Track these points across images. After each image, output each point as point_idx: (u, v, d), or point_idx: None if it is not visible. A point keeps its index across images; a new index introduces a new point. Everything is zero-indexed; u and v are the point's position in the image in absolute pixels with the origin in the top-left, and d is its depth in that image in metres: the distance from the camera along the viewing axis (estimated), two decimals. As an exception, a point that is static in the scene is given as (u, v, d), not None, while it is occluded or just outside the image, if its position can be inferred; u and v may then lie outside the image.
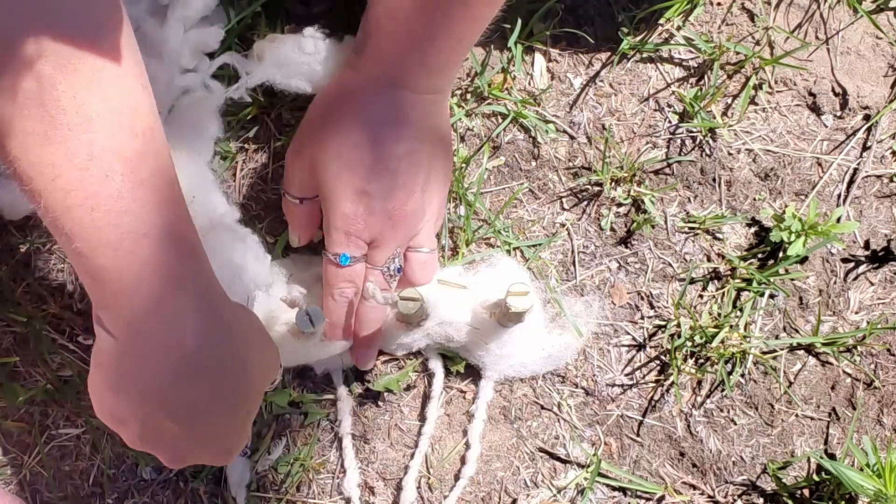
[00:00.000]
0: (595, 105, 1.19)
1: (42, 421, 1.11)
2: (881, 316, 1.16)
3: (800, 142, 1.19)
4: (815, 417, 1.14)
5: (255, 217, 1.15)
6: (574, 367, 1.13)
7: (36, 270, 1.15)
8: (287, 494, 1.10)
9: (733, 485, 1.12)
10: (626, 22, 1.19)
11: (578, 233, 1.16)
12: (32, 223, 1.15)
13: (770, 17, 1.21)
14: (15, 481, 1.10)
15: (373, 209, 0.98)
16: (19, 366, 1.12)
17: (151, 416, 0.75)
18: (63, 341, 1.13)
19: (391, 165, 0.98)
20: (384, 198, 0.98)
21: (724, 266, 1.15)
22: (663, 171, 1.17)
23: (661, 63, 1.20)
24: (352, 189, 0.98)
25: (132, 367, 0.73)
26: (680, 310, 1.13)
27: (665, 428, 1.13)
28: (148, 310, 0.70)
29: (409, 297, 1.01)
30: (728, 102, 1.19)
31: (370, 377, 1.12)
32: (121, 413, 0.77)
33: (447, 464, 1.11)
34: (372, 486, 1.11)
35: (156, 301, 0.70)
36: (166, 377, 0.72)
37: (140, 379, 0.73)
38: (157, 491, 1.10)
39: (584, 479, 1.10)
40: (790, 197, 1.18)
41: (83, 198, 0.66)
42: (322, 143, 1.00)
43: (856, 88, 1.20)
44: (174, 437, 0.77)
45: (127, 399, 0.74)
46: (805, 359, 1.15)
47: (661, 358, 1.14)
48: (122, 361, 0.73)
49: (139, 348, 0.72)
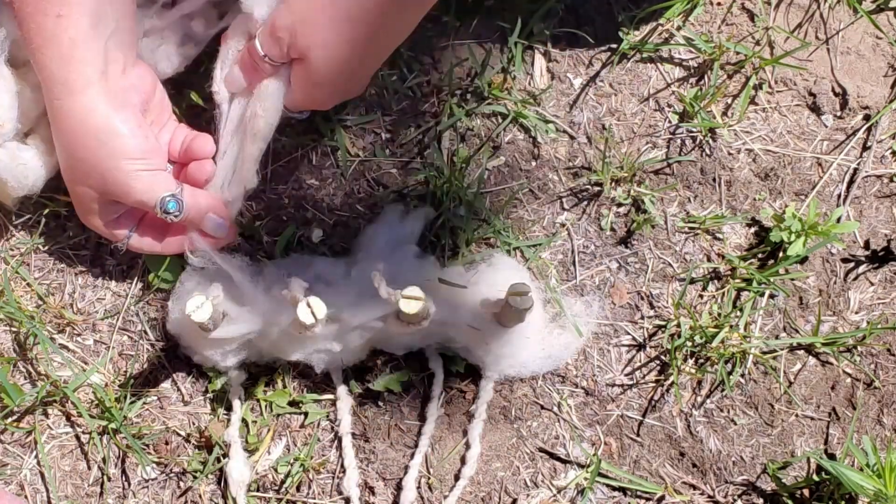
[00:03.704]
0: (595, 105, 1.19)
1: (42, 421, 1.11)
2: (881, 316, 1.16)
3: (800, 142, 1.19)
4: (815, 417, 1.14)
5: (255, 217, 1.15)
6: (574, 367, 1.13)
7: (36, 270, 1.15)
8: (287, 494, 1.10)
9: (733, 485, 1.12)
10: (626, 22, 1.19)
11: (578, 233, 1.16)
12: (32, 223, 1.15)
13: (770, 17, 1.21)
14: (15, 481, 1.10)
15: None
16: (19, 366, 1.12)
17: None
18: (63, 341, 1.13)
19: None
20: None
21: (724, 266, 1.15)
22: (663, 171, 1.17)
23: (661, 63, 1.20)
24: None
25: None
26: (680, 310, 1.13)
27: (665, 428, 1.13)
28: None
29: (410, 296, 1.01)
30: (728, 102, 1.19)
31: (370, 377, 1.12)
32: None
33: (447, 464, 1.11)
34: (372, 486, 1.11)
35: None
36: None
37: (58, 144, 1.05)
38: (157, 491, 1.10)
39: (584, 479, 1.10)
40: (790, 197, 1.18)
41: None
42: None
43: (856, 88, 1.20)
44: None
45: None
46: (805, 359, 1.15)
47: (661, 358, 1.14)
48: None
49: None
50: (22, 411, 1.11)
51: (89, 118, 1.00)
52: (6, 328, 1.13)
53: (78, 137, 1.01)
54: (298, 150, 1.17)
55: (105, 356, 1.13)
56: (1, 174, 1.07)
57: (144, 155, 1.02)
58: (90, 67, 1.00)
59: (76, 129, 1.01)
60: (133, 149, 1.01)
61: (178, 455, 1.11)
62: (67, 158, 1.04)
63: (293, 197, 1.16)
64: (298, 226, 1.15)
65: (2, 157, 1.06)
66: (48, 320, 1.13)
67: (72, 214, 1.14)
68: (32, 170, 1.08)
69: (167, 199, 1.02)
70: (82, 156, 1.02)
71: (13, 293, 1.12)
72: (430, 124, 1.17)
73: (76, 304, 1.14)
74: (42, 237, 1.15)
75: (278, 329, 1.05)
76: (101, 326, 1.14)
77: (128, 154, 1.01)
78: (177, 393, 1.12)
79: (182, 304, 1.04)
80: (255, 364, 1.11)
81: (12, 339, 1.13)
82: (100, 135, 1.00)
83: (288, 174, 1.16)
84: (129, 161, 1.01)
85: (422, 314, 1.02)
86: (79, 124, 1.01)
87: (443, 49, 1.18)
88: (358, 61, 1.03)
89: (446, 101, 1.17)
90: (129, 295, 1.14)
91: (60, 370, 1.12)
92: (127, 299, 1.14)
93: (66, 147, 1.03)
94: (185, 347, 1.11)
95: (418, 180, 1.15)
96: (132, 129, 1.02)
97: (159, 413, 1.12)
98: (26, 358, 1.12)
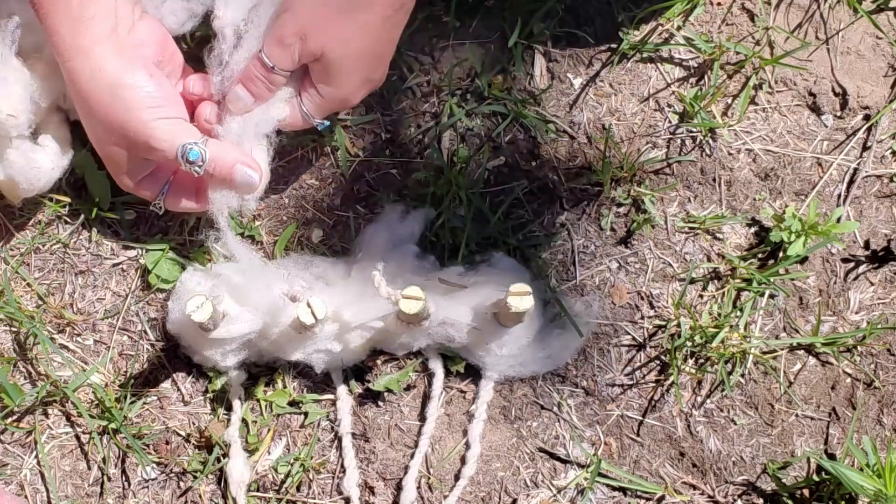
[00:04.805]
0: (595, 105, 1.19)
1: (42, 421, 1.11)
2: (881, 316, 1.16)
3: (800, 142, 1.20)
4: (815, 417, 1.14)
5: (255, 217, 1.15)
6: (574, 367, 1.13)
7: (36, 270, 1.15)
8: (287, 494, 1.10)
9: (733, 485, 1.12)
10: (626, 22, 1.19)
11: (578, 233, 1.16)
12: (32, 223, 1.15)
13: (770, 17, 1.21)
14: (15, 481, 1.10)
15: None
16: (19, 366, 1.12)
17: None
18: (63, 341, 1.13)
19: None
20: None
21: (724, 266, 1.15)
22: (663, 171, 1.17)
23: (661, 63, 1.20)
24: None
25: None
26: (680, 310, 1.13)
27: (665, 428, 1.13)
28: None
29: (411, 295, 1.01)
30: (728, 102, 1.19)
31: (370, 377, 1.12)
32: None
33: (447, 464, 1.11)
34: (372, 486, 1.11)
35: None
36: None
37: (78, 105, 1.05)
38: (157, 491, 1.10)
39: (584, 479, 1.10)
40: (790, 197, 1.18)
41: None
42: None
43: (856, 88, 1.20)
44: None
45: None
46: (805, 359, 1.15)
47: (661, 358, 1.14)
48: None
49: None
50: (22, 411, 1.11)
51: (101, 75, 1.00)
52: (6, 328, 1.13)
53: (93, 96, 1.00)
54: (298, 150, 1.17)
55: (105, 356, 1.13)
56: (14, 176, 1.07)
57: (160, 103, 1.01)
58: (100, 25, 0.99)
59: (90, 88, 1.00)
60: (146, 98, 1.00)
61: (178, 455, 1.11)
62: (88, 120, 1.03)
63: (293, 197, 1.16)
64: (298, 226, 1.15)
65: (16, 159, 1.06)
66: (48, 320, 1.13)
67: (72, 214, 1.15)
68: (45, 172, 1.08)
69: (189, 146, 1.00)
70: (101, 114, 1.01)
71: (13, 293, 1.12)
72: (430, 124, 1.17)
73: (76, 304, 1.14)
74: (42, 237, 1.15)
75: (278, 329, 1.05)
76: (101, 326, 1.14)
77: (142, 104, 1.00)
78: (177, 393, 1.12)
79: (182, 304, 1.04)
80: (255, 364, 1.11)
81: (12, 339, 1.13)
82: (113, 89, 1.00)
83: (288, 174, 1.16)
84: (146, 110, 1.00)
85: (422, 314, 1.02)
86: (92, 83, 1.00)
87: (443, 49, 1.18)
88: (376, 45, 1.02)
89: (446, 101, 1.17)
90: (129, 295, 1.14)
91: (60, 370, 1.12)
92: (127, 299, 1.14)
93: (84, 108, 1.03)
94: (185, 347, 1.11)
95: (418, 180, 1.15)
96: (144, 78, 1.01)
97: (159, 413, 1.12)
98: (26, 358, 1.12)
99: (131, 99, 1.00)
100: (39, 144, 1.08)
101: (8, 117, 1.03)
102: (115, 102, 1.00)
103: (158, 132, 1.00)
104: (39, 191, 1.10)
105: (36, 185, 1.09)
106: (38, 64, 1.06)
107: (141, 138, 1.01)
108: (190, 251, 1.14)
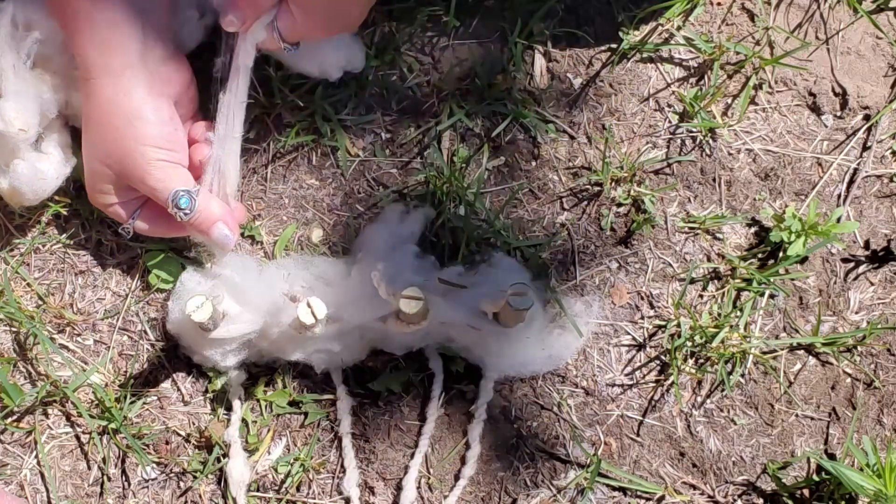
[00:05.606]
0: (595, 105, 1.19)
1: (42, 421, 1.11)
2: (881, 316, 1.16)
3: (800, 142, 1.19)
4: (815, 417, 1.14)
5: (255, 217, 1.15)
6: (574, 367, 1.13)
7: (36, 270, 1.15)
8: (287, 494, 1.10)
9: (733, 485, 1.12)
10: (626, 22, 1.19)
11: (578, 233, 1.16)
12: (32, 223, 1.15)
13: (770, 17, 1.21)
14: (15, 481, 1.10)
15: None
16: (19, 366, 1.12)
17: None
18: (63, 341, 1.13)
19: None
20: None
21: (724, 266, 1.15)
22: (663, 171, 1.17)
23: (661, 63, 1.20)
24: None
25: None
26: (680, 310, 1.13)
27: (665, 428, 1.13)
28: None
29: (410, 296, 1.01)
30: (728, 102, 1.19)
31: (370, 377, 1.12)
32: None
33: (447, 464, 1.11)
34: (372, 486, 1.11)
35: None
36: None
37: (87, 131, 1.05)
38: (157, 491, 1.10)
39: (584, 479, 1.10)
40: (790, 197, 1.18)
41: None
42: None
43: (856, 88, 1.20)
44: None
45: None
46: (805, 359, 1.15)
47: (661, 358, 1.14)
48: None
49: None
50: (22, 411, 1.11)
51: (123, 99, 1.00)
52: (6, 328, 1.13)
53: (108, 117, 1.01)
54: (298, 150, 1.17)
55: (105, 356, 1.13)
56: (20, 187, 1.07)
57: (169, 146, 1.02)
58: (129, 51, 1.00)
59: (108, 107, 1.01)
60: (159, 137, 1.01)
61: (178, 455, 1.11)
62: (92, 135, 1.04)
63: (293, 197, 1.16)
64: (298, 226, 1.15)
65: (23, 171, 1.06)
66: (48, 320, 1.13)
67: (72, 214, 1.14)
68: (50, 182, 1.09)
69: (181, 193, 1.02)
70: (108, 135, 1.02)
71: (13, 293, 1.12)
72: (430, 124, 1.17)
73: (76, 304, 1.14)
74: (42, 237, 1.15)
75: (278, 329, 1.05)
76: (101, 326, 1.14)
77: (153, 141, 1.01)
78: (177, 393, 1.12)
79: (182, 304, 1.04)
80: (255, 364, 1.11)
81: (12, 339, 1.13)
82: (130, 117, 1.00)
83: (288, 174, 1.16)
84: (153, 149, 1.01)
85: (422, 314, 1.02)
86: (111, 104, 1.01)
87: (443, 49, 1.18)
88: None
89: (446, 101, 1.17)
90: (129, 295, 1.14)
91: (60, 370, 1.12)
92: (127, 299, 1.14)
93: (93, 123, 1.03)
94: (185, 347, 1.11)
95: (418, 180, 1.15)
96: (163, 118, 1.01)
97: (159, 413, 1.12)
98: (26, 358, 1.12)
99: (144, 133, 1.01)
100: (44, 153, 1.09)
101: (20, 132, 1.04)
102: (128, 130, 1.01)
103: (157, 172, 1.02)
104: (43, 199, 1.10)
105: (41, 195, 1.09)
106: (47, 75, 1.07)
107: (138, 171, 1.02)
108: (190, 251, 1.14)
